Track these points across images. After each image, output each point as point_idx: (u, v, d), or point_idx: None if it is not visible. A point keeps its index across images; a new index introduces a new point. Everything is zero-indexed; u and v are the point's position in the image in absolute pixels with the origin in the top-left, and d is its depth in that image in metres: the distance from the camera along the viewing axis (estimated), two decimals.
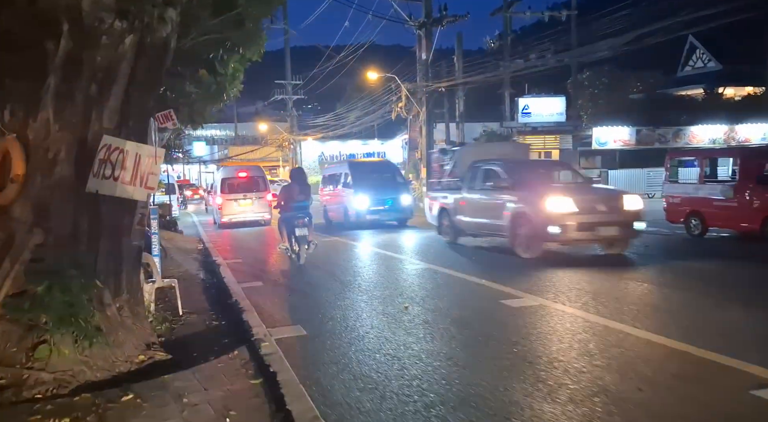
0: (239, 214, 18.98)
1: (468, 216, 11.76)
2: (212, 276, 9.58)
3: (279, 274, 9.52)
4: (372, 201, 16.94)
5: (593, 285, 7.47)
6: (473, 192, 11.72)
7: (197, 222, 24.00)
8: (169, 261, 10.84)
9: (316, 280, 8.76)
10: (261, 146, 49.78)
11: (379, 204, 16.89)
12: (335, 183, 19.55)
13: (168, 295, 7.35)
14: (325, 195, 20.35)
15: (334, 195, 19.30)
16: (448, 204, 12.67)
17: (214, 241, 15.53)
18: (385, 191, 17.18)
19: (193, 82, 11.18)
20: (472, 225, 11.66)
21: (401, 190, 17.98)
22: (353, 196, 17.22)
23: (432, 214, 13.74)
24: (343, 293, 7.67)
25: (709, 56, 37.03)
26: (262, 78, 65.24)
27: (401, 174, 19.71)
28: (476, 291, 7.62)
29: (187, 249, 13.26)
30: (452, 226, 12.47)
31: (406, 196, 17.72)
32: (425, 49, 25.26)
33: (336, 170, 20.64)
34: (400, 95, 26.51)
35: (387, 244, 13.18)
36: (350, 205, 17.45)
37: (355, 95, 44.24)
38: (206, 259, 11.65)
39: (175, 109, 11.39)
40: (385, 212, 17.04)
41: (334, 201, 19.29)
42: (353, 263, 10.67)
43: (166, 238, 14.74)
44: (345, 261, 10.80)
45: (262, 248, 14.53)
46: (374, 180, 17.74)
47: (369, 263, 10.73)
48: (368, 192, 16.96)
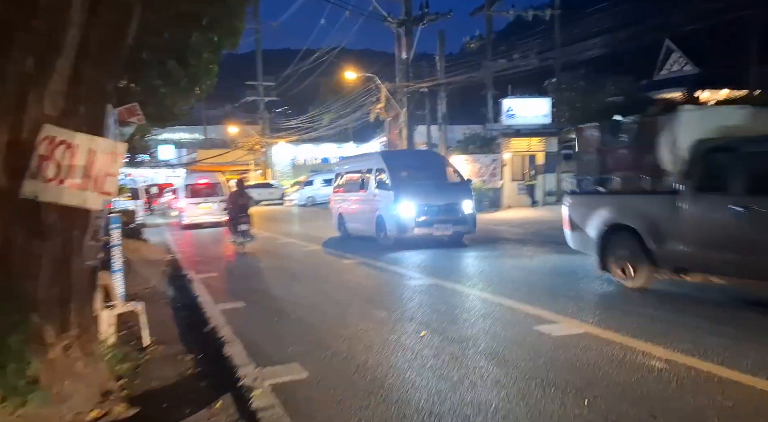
0: (200, 217, 20.92)
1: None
2: (184, 294, 8.38)
3: (263, 292, 8.32)
4: (422, 208, 12.33)
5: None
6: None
7: (164, 229, 22.57)
8: (133, 277, 9.57)
9: (309, 300, 7.61)
10: (231, 149, 48.21)
11: (431, 212, 12.33)
12: (360, 182, 14.91)
13: (132, 321, 6.16)
14: (340, 199, 15.92)
15: (358, 200, 14.68)
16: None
17: (183, 251, 14.23)
18: (438, 193, 12.72)
19: (161, 74, 9.98)
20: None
21: (460, 191, 13.10)
22: (393, 202, 12.45)
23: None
24: (343, 318, 6.56)
25: (685, 60, 37.03)
26: (231, 81, 63.83)
27: (455, 168, 14.87)
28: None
29: (154, 261, 11.96)
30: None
31: (468, 201, 12.75)
32: (405, 48, 24.30)
33: (360, 164, 15.69)
34: (380, 96, 25.48)
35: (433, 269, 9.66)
36: (389, 214, 12.62)
37: (329, 97, 43.12)
38: (176, 273, 10.40)
39: (140, 104, 10.18)
40: (441, 224, 12.35)
41: (357, 208, 14.68)
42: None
43: (131, 249, 13.40)
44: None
45: (238, 258, 13.29)
46: (421, 178, 13.16)
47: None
48: (416, 195, 12.40)
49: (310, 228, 19.09)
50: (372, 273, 9.71)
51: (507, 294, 7.18)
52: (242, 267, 11.37)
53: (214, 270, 10.56)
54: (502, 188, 22.62)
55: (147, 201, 30.71)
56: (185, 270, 10.38)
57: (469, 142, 23.52)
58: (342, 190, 16.21)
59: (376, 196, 13.46)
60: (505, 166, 22.59)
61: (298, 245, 14.77)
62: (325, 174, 40.22)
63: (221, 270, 10.61)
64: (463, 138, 24.19)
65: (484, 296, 7.24)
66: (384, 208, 12.88)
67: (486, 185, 22.60)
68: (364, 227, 14.16)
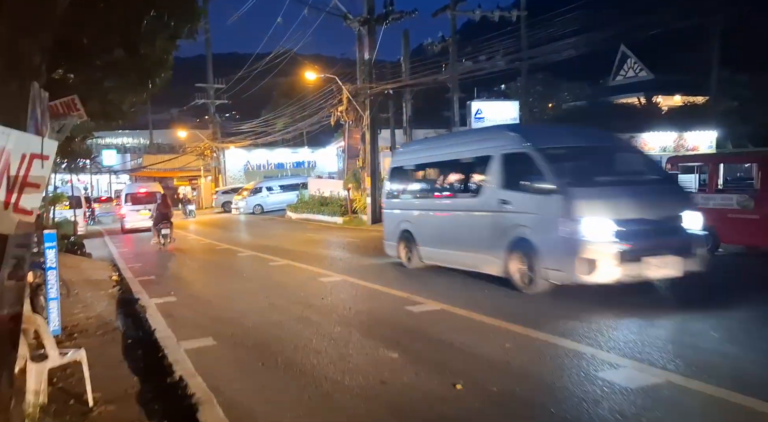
0: (139, 222, 22.80)
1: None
2: (137, 326, 6.95)
3: (237, 322, 6.85)
4: (627, 228, 6.92)
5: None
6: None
7: (108, 241, 20.67)
8: (73, 303, 8.08)
9: (297, 336, 6.32)
10: (179, 155, 45.96)
11: (642, 235, 6.96)
12: (461, 181, 9.58)
13: (72, 368, 4.80)
14: (407, 208, 10.67)
15: (459, 209, 9.29)
16: None
17: (132, 267, 12.63)
18: (646, 200, 7.30)
19: (106, 64, 8.52)
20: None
21: (674, 195, 7.88)
22: (562, 216, 7.08)
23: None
24: (345, 357, 5.34)
25: (640, 65, 37.41)
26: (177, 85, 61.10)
27: (647, 155, 10.25)
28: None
29: (98, 281, 10.39)
30: None
31: (691, 213, 7.47)
32: (368, 48, 23.20)
33: (460, 149, 9.79)
34: (341, 98, 24.28)
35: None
36: (549, 239, 7.26)
37: (283, 101, 41.59)
38: (126, 296, 8.89)
39: (81, 99, 8.67)
40: (660, 256, 6.92)
41: (454, 224, 9.25)
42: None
43: (70, 266, 11.76)
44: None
45: (198, 275, 11.81)
46: (601, 172, 7.98)
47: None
48: (613, 204, 7.06)
49: (291, 242, 17.68)
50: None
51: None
52: (207, 289, 9.93)
53: (172, 292, 9.10)
54: None
55: (89, 207, 28.53)
56: (136, 293, 8.89)
57: None
58: (411, 193, 11.02)
59: (508, 205, 7.85)
60: None
61: (305, 271, 10.77)
62: (279, 180, 38.64)
63: (181, 292, 9.16)
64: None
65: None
66: (536, 227, 7.44)
67: None
68: (469, 255, 8.64)
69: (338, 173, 35.93)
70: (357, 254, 13.28)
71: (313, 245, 16.62)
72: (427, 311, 7.04)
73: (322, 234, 20.33)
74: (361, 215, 24.52)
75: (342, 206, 26.48)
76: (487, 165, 8.53)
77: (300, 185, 36.29)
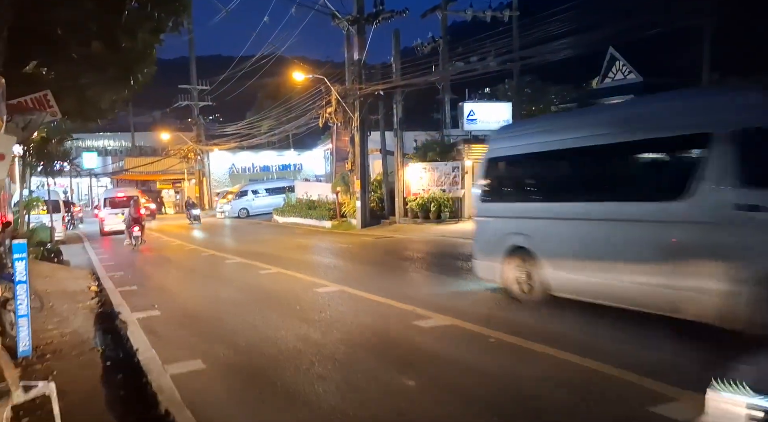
0: (117, 225, 23.36)
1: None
2: (117, 345, 6.30)
3: (228, 341, 6.16)
4: None
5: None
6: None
7: (88, 247, 19.85)
8: (47, 317, 7.40)
9: (296, 357, 5.72)
10: (162, 157, 45.01)
11: None
12: (628, 176, 6.79)
13: (40, 400, 4.15)
14: (519, 215, 7.82)
15: (631, 225, 6.22)
16: None
17: (113, 274, 11.92)
18: None
19: (83, 58, 7.87)
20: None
21: None
22: None
23: None
24: (353, 383, 4.76)
25: (629, 68, 37.32)
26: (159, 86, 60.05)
27: None
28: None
29: (75, 292, 9.68)
30: None
31: None
32: (357, 48, 22.65)
33: (623, 123, 6.60)
34: (329, 99, 23.68)
35: None
36: None
37: (268, 104, 40.89)
38: (105, 310, 8.21)
39: (55, 95, 8.00)
40: None
41: (618, 243, 6.32)
42: None
43: (46, 275, 11.05)
44: None
45: (184, 285, 11.13)
46: None
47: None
48: None
49: (304, 251, 17.00)
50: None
51: None
52: (193, 301, 9.26)
53: (156, 304, 8.44)
54: (463, 198, 21.29)
55: (68, 211, 27.60)
56: (117, 306, 8.22)
57: (428, 148, 22.06)
58: (527, 193, 8.25)
59: (758, 212, 5.03)
60: (467, 173, 21.28)
61: (299, 281, 10.23)
62: (265, 183, 37.90)
63: (165, 305, 8.48)
64: (417, 144, 22.83)
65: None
66: None
67: (447, 194, 21.22)
68: (658, 289, 5.78)
69: (326, 176, 35.28)
70: (363, 263, 12.68)
71: (303, 251, 16.01)
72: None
73: (311, 240, 19.71)
74: (350, 219, 23.94)
75: (331, 210, 25.88)
76: (693, 149, 5.91)
77: (286, 188, 35.59)
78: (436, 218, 21.07)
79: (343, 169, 28.38)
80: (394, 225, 22.06)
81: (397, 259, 13.14)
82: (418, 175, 22.00)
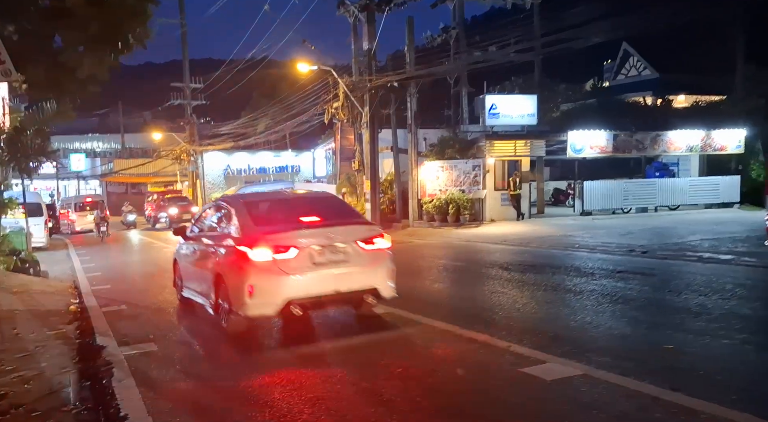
0: (87, 225, 26.85)
1: None
2: (98, 403, 4.41)
3: (262, 403, 4.22)
4: None
5: None
6: None
7: (72, 254, 17.90)
8: (7, 352, 5.55)
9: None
10: (153, 159, 43.02)
11: None
12: None
13: None
14: None
15: None
16: None
17: (98, 288, 10.03)
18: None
19: (57, 14, 6.11)
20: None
21: None
22: None
23: None
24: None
25: (644, 64, 35.79)
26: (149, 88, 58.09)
27: None
28: None
29: (49, 313, 7.79)
30: None
31: None
32: (368, 38, 20.87)
33: None
34: (337, 93, 21.88)
35: None
36: None
37: (264, 102, 39.04)
38: (86, 340, 6.32)
39: (22, 60, 6.24)
40: None
41: None
42: None
43: (16, 290, 9.17)
44: None
45: (186, 306, 9.24)
46: None
47: None
48: None
49: None
50: None
51: None
52: (201, 328, 7.36)
53: (152, 335, 6.55)
54: (485, 199, 19.53)
55: (52, 215, 25.61)
56: (100, 336, 6.34)
57: (446, 145, 20.28)
58: None
59: None
60: (488, 172, 19.52)
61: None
62: (262, 185, 35.94)
63: (164, 335, 6.54)
64: (427, 143, 21.10)
65: None
66: None
67: (467, 195, 19.45)
68: None
69: (328, 177, 33.44)
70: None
71: None
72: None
73: None
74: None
75: None
76: None
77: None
78: (454, 221, 19.30)
79: (348, 169, 26.55)
80: (408, 228, 20.25)
81: (431, 269, 11.36)
82: (435, 175, 20.23)
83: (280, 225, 6.18)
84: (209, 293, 6.58)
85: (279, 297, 5.73)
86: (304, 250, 5.83)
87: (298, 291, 5.80)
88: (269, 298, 5.73)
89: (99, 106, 50.87)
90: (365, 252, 6.12)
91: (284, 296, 5.74)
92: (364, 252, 6.12)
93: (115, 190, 49.13)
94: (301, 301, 5.80)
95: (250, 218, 6.35)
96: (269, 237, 5.88)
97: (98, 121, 59.94)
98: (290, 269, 5.76)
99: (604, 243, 13.25)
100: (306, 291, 5.83)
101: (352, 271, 5.99)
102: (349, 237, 6.10)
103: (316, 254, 5.87)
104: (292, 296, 5.76)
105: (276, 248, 5.78)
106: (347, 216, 6.90)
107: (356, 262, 6.04)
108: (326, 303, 6.16)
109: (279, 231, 6.02)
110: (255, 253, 5.77)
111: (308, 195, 9.81)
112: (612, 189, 20.55)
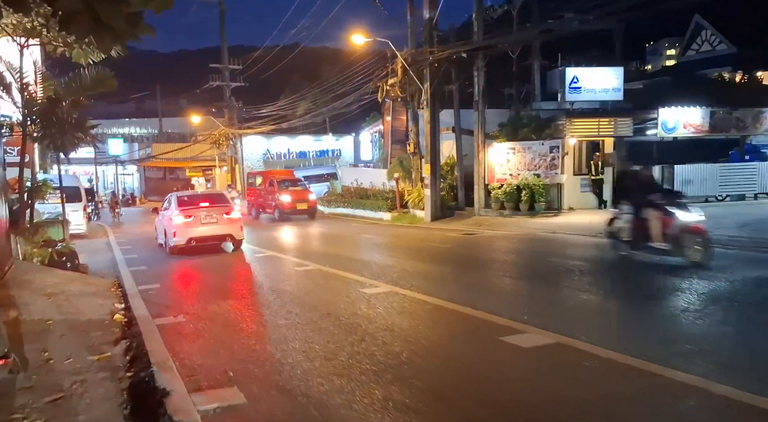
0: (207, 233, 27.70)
1: None
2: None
3: None
4: None
5: None
6: None
7: (113, 243, 16.49)
8: (34, 392, 3.87)
9: None
10: (191, 143, 41.81)
11: None
12: None
13: None
14: None
15: None
16: None
17: (146, 287, 8.43)
18: None
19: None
20: None
21: None
22: None
23: None
24: None
25: (719, 37, 32.85)
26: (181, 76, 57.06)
27: None
28: None
29: (90, 325, 6.13)
30: None
31: None
32: (428, 5, 18.86)
33: None
34: (394, 68, 19.93)
35: None
36: None
37: (304, 85, 37.20)
38: (139, 377, 4.57)
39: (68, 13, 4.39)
40: None
41: None
42: None
43: (51, 292, 7.57)
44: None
45: (266, 317, 7.52)
46: None
47: None
48: None
49: None
50: None
51: None
52: (293, 351, 5.60)
53: (231, 372, 4.79)
54: (563, 184, 17.42)
55: (91, 201, 24.46)
56: (160, 370, 4.60)
57: (518, 124, 18.16)
58: None
59: None
60: (567, 154, 17.39)
61: (444, 310, 6.45)
62: (303, 170, 34.33)
63: (250, 369, 4.73)
64: (495, 122, 19.04)
65: None
66: None
67: (542, 181, 17.37)
68: None
69: (375, 161, 31.59)
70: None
71: (384, 252, 12.40)
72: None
73: (382, 236, 16.04)
74: (414, 210, 20.22)
75: (389, 200, 22.18)
76: None
77: (327, 176, 32.05)
78: (528, 209, 17.26)
79: (400, 153, 24.66)
80: (473, 217, 18.27)
81: (530, 269, 9.47)
82: (505, 157, 18.16)
83: (189, 206, 13.39)
84: (163, 237, 13.88)
85: (185, 236, 12.92)
86: (197, 216, 13.04)
87: (194, 233, 12.95)
88: (181, 237, 12.91)
89: (136, 90, 50.04)
90: (227, 218, 13.33)
91: (188, 236, 12.92)
92: (227, 218, 13.33)
93: (152, 175, 48.20)
94: (196, 238, 12.98)
95: (177, 203, 13.54)
96: (182, 210, 13.16)
97: (135, 105, 59.27)
98: (190, 225, 12.95)
99: (732, 238, 11.11)
100: (198, 234, 13.00)
101: (220, 226, 13.20)
102: (220, 212, 13.31)
103: (202, 218, 13.06)
104: (191, 236, 12.94)
105: (185, 215, 13.02)
106: (221, 203, 13.96)
107: (221, 222, 13.20)
108: (207, 240, 13.13)
109: (188, 208, 13.28)
110: (176, 218, 13.05)
111: (207, 193, 19.12)
112: (706, 173, 18.20)
